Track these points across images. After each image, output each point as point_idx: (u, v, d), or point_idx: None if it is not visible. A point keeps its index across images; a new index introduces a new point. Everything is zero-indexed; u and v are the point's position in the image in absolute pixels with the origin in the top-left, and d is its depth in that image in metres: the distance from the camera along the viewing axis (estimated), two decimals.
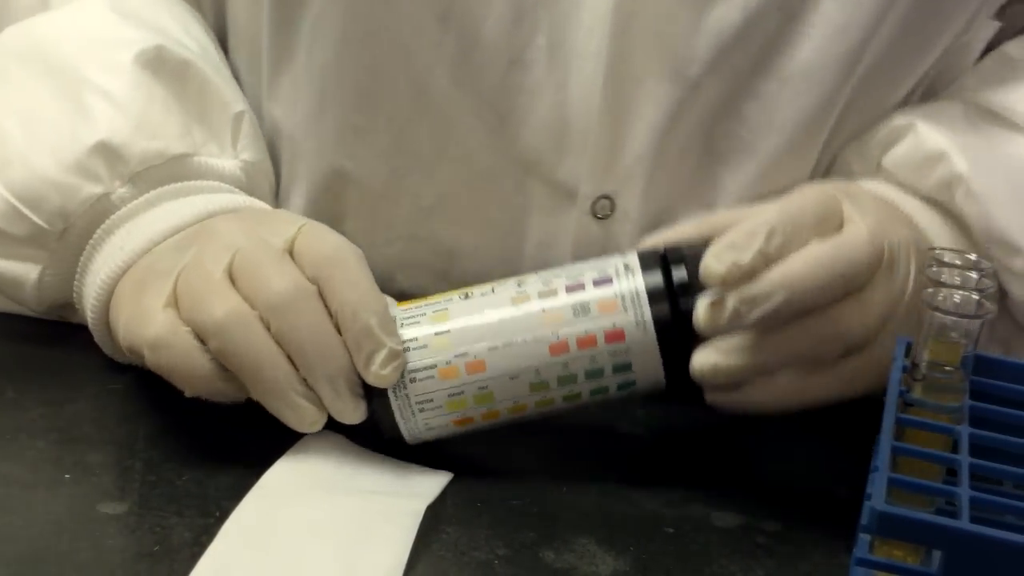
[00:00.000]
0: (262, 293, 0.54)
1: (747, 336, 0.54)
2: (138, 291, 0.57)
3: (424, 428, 0.57)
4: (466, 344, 0.55)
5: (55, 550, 0.50)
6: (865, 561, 0.49)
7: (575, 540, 0.54)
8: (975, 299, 0.49)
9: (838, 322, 0.54)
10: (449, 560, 0.52)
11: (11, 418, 0.59)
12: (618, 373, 0.55)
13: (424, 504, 0.54)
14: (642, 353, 0.55)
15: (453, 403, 0.56)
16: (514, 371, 0.55)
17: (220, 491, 0.55)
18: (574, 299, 0.55)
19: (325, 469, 0.56)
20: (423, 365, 0.55)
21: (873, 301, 0.55)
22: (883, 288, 0.55)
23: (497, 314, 0.56)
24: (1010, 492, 0.52)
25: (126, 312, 0.57)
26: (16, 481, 0.54)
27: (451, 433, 0.57)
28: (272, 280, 0.54)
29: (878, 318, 0.55)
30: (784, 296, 0.52)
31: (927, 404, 0.50)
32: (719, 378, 0.55)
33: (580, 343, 0.55)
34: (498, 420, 0.57)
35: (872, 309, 0.55)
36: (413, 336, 0.55)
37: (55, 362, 0.65)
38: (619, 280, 0.55)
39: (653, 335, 0.55)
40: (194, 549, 0.50)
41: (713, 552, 0.54)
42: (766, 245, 0.52)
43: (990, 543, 0.42)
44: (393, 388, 0.55)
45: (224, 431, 0.59)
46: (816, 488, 0.60)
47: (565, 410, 0.57)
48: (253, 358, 0.54)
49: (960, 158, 0.62)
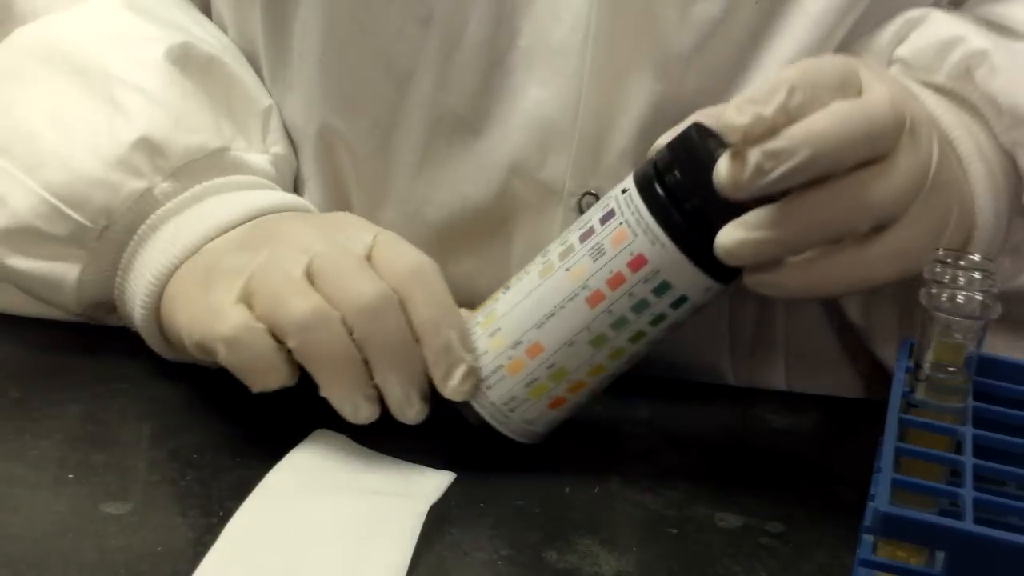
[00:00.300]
0: (349, 297, 0.55)
1: (772, 207, 0.52)
2: (203, 288, 0.57)
3: (525, 424, 0.57)
4: (517, 333, 0.56)
5: (58, 550, 0.50)
6: (869, 562, 0.49)
7: (578, 540, 0.54)
8: (979, 299, 0.49)
9: (864, 188, 0.52)
10: (452, 560, 0.52)
11: (15, 418, 0.59)
12: (663, 295, 0.54)
13: (427, 504, 0.54)
14: (673, 267, 0.54)
15: (534, 391, 0.56)
16: (568, 338, 0.55)
17: (223, 491, 0.55)
18: (589, 245, 0.55)
19: (328, 469, 0.56)
20: (491, 370, 0.56)
21: (899, 168, 0.53)
22: (909, 155, 0.53)
23: (531, 293, 0.56)
24: (1013, 493, 0.52)
25: (190, 309, 0.57)
26: (20, 481, 0.55)
27: (556, 418, 0.58)
28: (361, 285, 0.55)
29: (905, 188, 0.53)
30: (809, 152, 0.50)
31: (930, 405, 0.50)
32: (747, 253, 0.53)
33: (611, 284, 0.54)
34: (589, 387, 0.57)
35: (898, 177, 0.53)
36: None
37: (58, 362, 0.65)
38: (620, 209, 0.55)
39: (673, 247, 0.53)
40: (197, 549, 0.50)
41: (716, 553, 0.54)
42: (787, 100, 0.50)
43: (994, 544, 0.42)
44: (475, 400, 0.57)
45: (227, 431, 0.59)
46: (819, 489, 0.60)
47: (645, 350, 0.57)
48: (333, 359, 0.55)
49: (980, 38, 0.61)
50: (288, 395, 0.65)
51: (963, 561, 0.42)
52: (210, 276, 0.58)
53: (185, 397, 0.62)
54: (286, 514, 0.53)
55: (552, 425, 0.58)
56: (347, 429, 0.57)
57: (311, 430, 0.59)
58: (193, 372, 0.64)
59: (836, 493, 0.60)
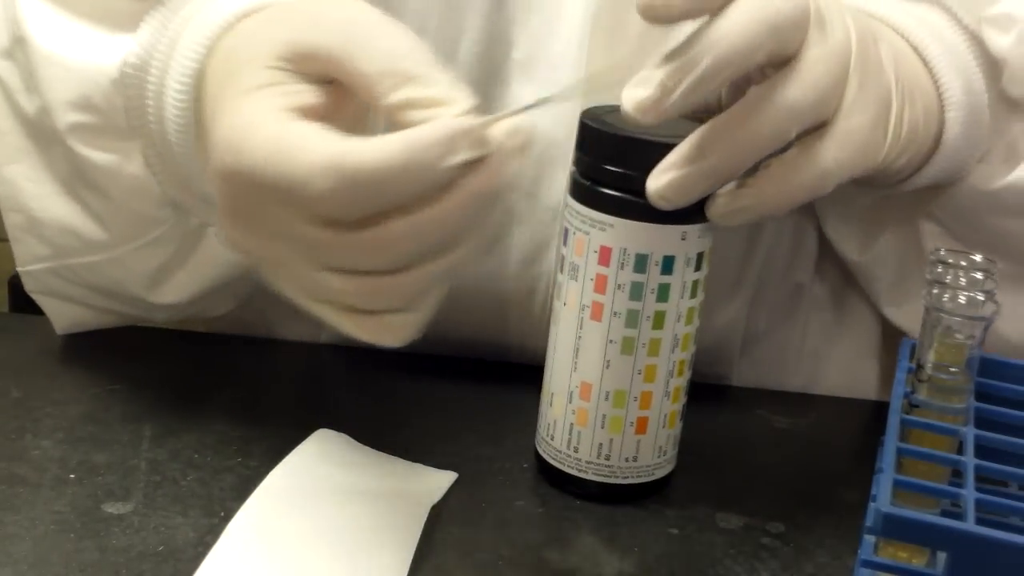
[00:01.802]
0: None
1: (689, 139, 0.50)
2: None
3: (629, 463, 0.57)
4: (565, 387, 0.56)
5: (60, 549, 0.50)
6: (870, 563, 0.49)
7: (579, 541, 0.54)
8: (980, 300, 0.49)
9: (777, 90, 0.50)
10: (453, 561, 0.52)
11: (16, 418, 0.59)
12: (645, 268, 0.54)
13: (429, 504, 0.54)
14: (632, 238, 0.53)
15: (612, 427, 0.56)
16: (602, 359, 0.55)
17: (224, 491, 0.55)
18: (566, 270, 0.55)
19: (329, 469, 0.56)
20: (568, 433, 0.57)
21: (809, 62, 0.50)
22: (818, 46, 0.50)
23: (556, 345, 0.57)
24: (1015, 493, 0.52)
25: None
26: (21, 480, 0.55)
27: (653, 443, 0.57)
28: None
29: (820, 81, 0.51)
30: (710, 60, 0.48)
31: (932, 405, 0.50)
32: (680, 193, 0.51)
33: (598, 289, 0.54)
34: (658, 396, 0.56)
35: (811, 71, 0.50)
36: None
37: (60, 362, 0.65)
38: (569, 221, 0.55)
39: (619, 220, 0.53)
40: (198, 549, 0.50)
41: (717, 553, 0.54)
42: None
43: (996, 545, 0.42)
44: (575, 468, 0.57)
45: (228, 431, 0.59)
46: (821, 489, 0.60)
47: (684, 330, 0.56)
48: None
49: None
50: (289, 395, 0.65)
51: (965, 562, 0.42)
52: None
53: (187, 397, 0.62)
54: (287, 514, 0.53)
55: (659, 452, 0.57)
56: (349, 429, 0.57)
57: (313, 430, 0.59)
58: (194, 372, 0.65)
59: (837, 493, 0.60)
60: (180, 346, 0.69)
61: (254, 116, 0.47)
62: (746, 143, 0.50)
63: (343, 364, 0.68)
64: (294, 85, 0.48)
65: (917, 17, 0.59)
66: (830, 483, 0.61)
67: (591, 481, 0.57)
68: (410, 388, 0.66)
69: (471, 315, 0.67)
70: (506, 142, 0.46)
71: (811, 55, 0.50)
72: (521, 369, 0.66)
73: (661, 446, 0.57)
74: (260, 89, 0.48)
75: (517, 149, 0.46)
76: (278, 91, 0.48)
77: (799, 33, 0.50)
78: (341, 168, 0.44)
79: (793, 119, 0.50)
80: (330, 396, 0.64)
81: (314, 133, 0.45)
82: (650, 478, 0.57)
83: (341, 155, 0.44)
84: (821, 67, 0.50)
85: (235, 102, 0.48)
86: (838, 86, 0.51)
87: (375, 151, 0.44)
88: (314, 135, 0.45)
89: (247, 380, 0.65)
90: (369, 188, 0.44)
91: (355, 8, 0.49)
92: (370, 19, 0.48)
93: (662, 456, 0.57)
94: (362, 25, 0.48)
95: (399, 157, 0.44)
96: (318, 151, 0.44)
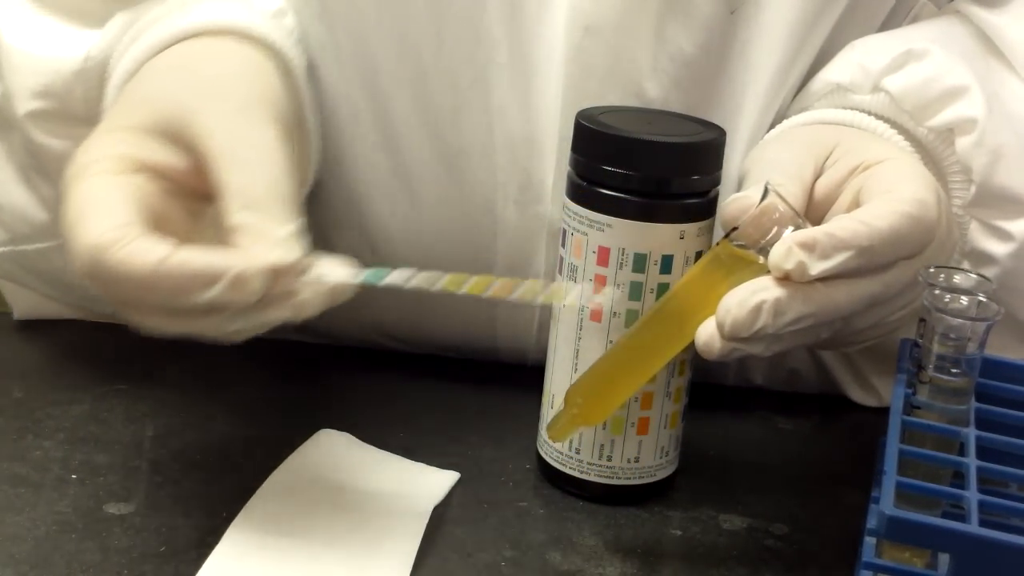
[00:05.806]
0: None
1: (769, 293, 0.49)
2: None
3: (631, 464, 0.57)
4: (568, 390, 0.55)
5: (61, 550, 0.50)
6: (873, 564, 0.49)
7: (582, 542, 0.54)
8: (981, 301, 0.49)
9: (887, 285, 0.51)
10: (455, 561, 0.52)
11: (18, 418, 0.59)
12: (644, 268, 0.54)
13: (431, 505, 0.54)
14: (630, 237, 0.53)
15: (614, 427, 0.56)
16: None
17: (226, 492, 0.55)
18: (565, 272, 0.55)
19: (331, 470, 0.56)
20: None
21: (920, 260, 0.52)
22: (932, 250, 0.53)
23: (556, 348, 0.57)
24: (1017, 495, 0.52)
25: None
26: (23, 481, 0.55)
27: (655, 443, 0.57)
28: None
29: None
30: (848, 255, 0.49)
31: (934, 407, 0.50)
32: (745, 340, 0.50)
33: (598, 290, 0.54)
34: (661, 395, 0.56)
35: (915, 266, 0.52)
36: None
37: (61, 363, 0.65)
38: (567, 223, 0.55)
39: (616, 220, 0.53)
40: (200, 550, 0.50)
41: (720, 554, 0.54)
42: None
43: (998, 546, 0.42)
44: (577, 470, 0.57)
45: (230, 432, 0.59)
46: (824, 491, 0.60)
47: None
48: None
49: (973, 101, 0.59)
50: (291, 396, 0.65)
51: (968, 563, 0.42)
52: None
53: (188, 397, 0.62)
54: (289, 515, 0.53)
55: (662, 453, 0.57)
56: (351, 430, 0.57)
57: (315, 431, 0.59)
58: (194, 372, 0.65)
59: (840, 495, 0.60)
60: (181, 347, 0.68)
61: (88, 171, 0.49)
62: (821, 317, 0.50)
63: (345, 365, 0.68)
64: (148, 144, 0.51)
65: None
66: (833, 485, 0.61)
67: (593, 482, 0.57)
68: (412, 389, 0.66)
69: (460, 321, 0.67)
70: (311, 294, 0.48)
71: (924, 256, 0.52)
72: (523, 370, 0.66)
73: (663, 446, 0.57)
74: (109, 134, 0.51)
75: (320, 301, 0.48)
76: (124, 147, 0.50)
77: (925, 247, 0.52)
78: (98, 261, 0.47)
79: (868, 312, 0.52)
80: (332, 397, 0.64)
81: (106, 211, 0.48)
82: (652, 479, 0.57)
83: (103, 248, 0.46)
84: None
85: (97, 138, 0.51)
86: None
87: (141, 255, 0.46)
88: (105, 214, 0.48)
89: (249, 381, 0.65)
90: (120, 287, 0.47)
91: (257, 113, 0.52)
92: (263, 132, 0.51)
93: (664, 457, 0.57)
94: (246, 132, 0.51)
95: (155, 270, 0.46)
96: (90, 235, 0.47)
